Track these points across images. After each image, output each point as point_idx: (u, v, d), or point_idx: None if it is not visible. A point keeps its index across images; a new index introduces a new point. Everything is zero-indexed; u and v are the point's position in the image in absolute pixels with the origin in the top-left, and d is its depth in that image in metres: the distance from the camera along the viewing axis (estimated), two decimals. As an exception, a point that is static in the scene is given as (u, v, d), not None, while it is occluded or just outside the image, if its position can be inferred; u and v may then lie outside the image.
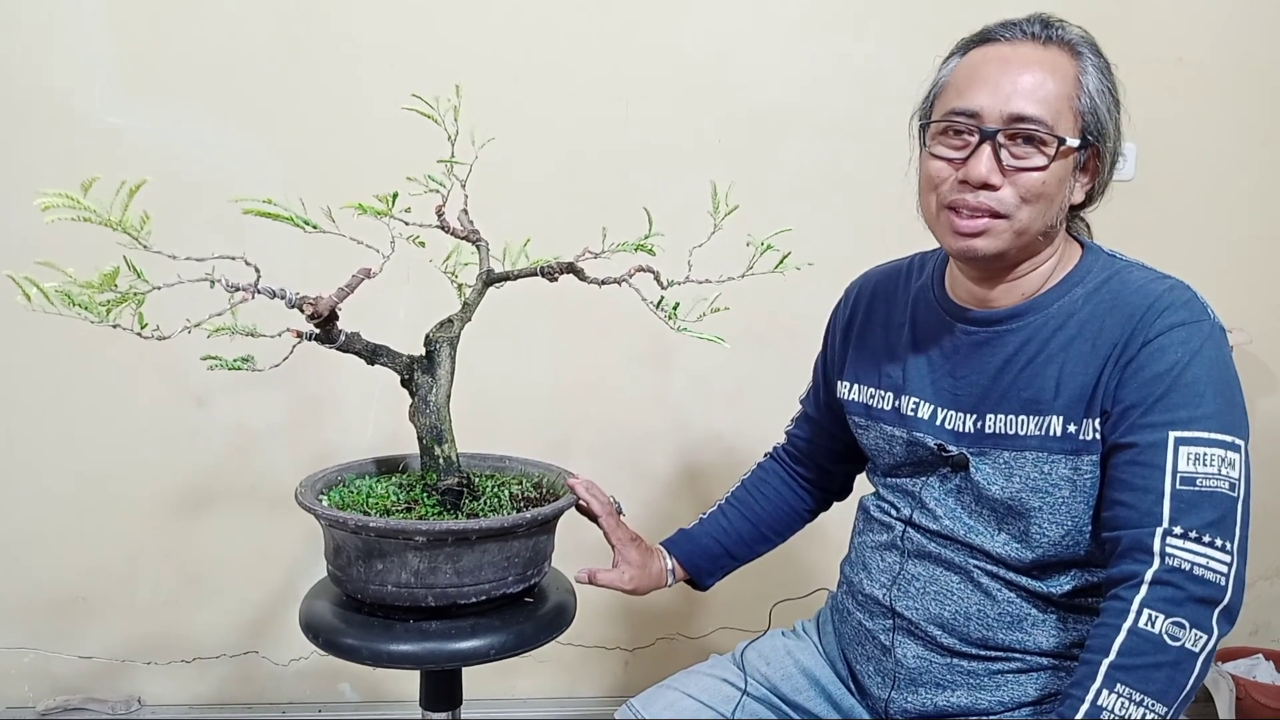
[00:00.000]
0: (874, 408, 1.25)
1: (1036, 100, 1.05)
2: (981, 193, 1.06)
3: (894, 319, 1.26)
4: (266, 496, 2.04)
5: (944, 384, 1.17)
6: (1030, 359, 1.10)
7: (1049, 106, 1.05)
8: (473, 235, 1.29)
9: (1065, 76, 1.06)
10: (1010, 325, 1.12)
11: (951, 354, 1.17)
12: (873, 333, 1.29)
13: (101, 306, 0.99)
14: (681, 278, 1.25)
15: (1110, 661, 0.96)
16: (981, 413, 1.13)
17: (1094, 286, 1.10)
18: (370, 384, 1.97)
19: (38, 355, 1.95)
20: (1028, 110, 1.04)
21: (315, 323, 1.12)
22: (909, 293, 1.26)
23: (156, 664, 2.10)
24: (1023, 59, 1.07)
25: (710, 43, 2.00)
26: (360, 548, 1.15)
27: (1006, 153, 1.05)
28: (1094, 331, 1.07)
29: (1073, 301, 1.10)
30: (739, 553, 1.43)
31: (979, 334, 1.14)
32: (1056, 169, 1.06)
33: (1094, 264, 1.12)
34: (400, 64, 1.92)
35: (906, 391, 1.21)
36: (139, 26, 1.89)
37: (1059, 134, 1.04)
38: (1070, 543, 1.09)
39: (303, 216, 1.08)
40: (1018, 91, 1.05)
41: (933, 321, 1.20)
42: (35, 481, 2.00)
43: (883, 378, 1.25)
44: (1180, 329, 1.03)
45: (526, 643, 1.20)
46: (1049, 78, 1.05)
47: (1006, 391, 1.11)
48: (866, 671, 1.23)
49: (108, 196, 0.94)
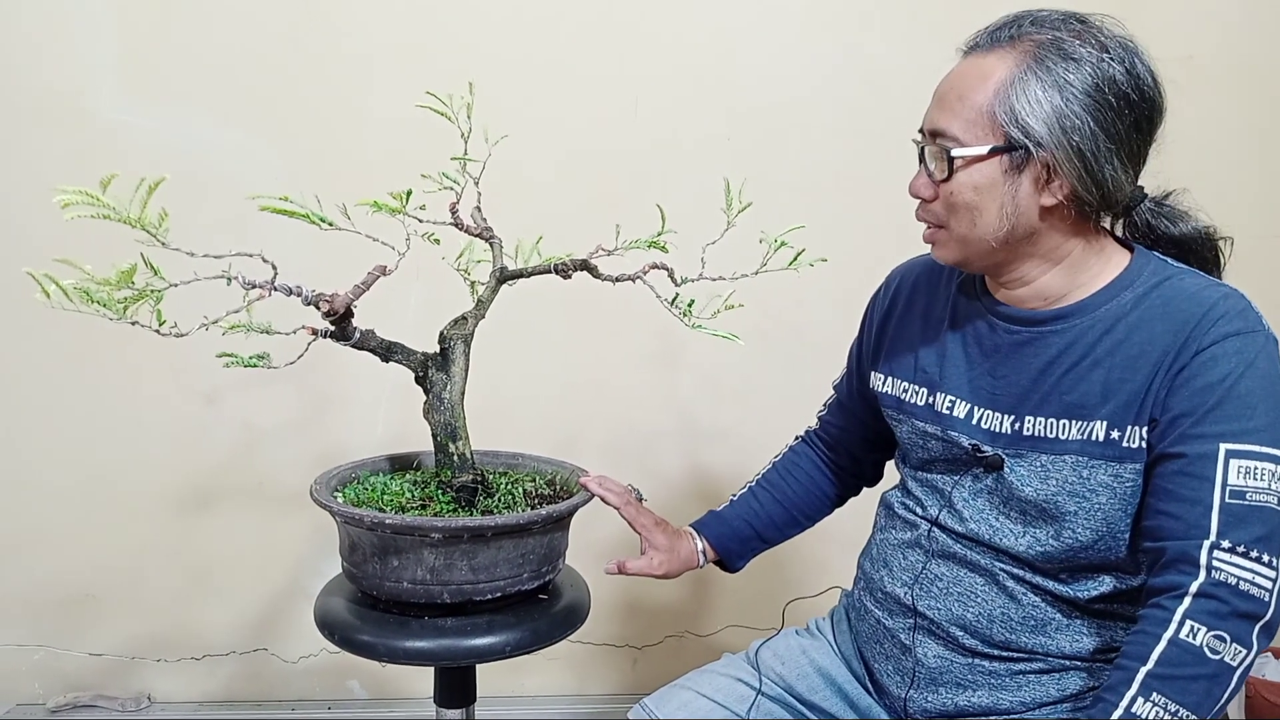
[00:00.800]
0: (906, 402, 1.24)
1: (945, 112, 1.06)
2: (921, 206, 1.12)
3: (934, 312, 1.25)
4: (275, 494, 2.04)
5: (982, 383, 1.16)
6: (1075, 362, 1.08)
7: (957, 117, 1.05)
8: (486, 233, 1.29)
9: (989, 82, 1.03)
10: (1055, 326, 1.11)
11: (992, 352, 1.16)
12: (910, 325, 1.27)
13: (119, 304, 0.99)
14: (694, 275, 1.25)
15: (1148, 670, 0.95)
16: (1020, 414, 1.11)
17: (1144, 291, 1.07)
18: (379, 382, 1.97)
19: (47, 353, 1.95)
20: (938, 123, 1.07)
21: (330, 320, 1.13)
22: (950, 287, 1.24)
23: (166, 661, 2.10)
24: (955, 74, 1.08)
25: (719, 40, 2.00)
26: (376, 544, 1.15)
27: (931, 166, 1.09)
28: (1144, 337, 1.05)
29: (1121, 305, 1.08)
30: (769, 535, 1.43)
31: (1022, 333, 1.13)
32: (969, 177, 1.05)
33: (1144, 268, 1.10)
34: (408, 63, 1.93)
35: (942, 388, 1.19)
36: (147, 26, 1.89)
37: (962, 143, 1.04)
38: (1103, 547, 1.08)
39: (318, 214, 1.08)
40: (934, 106, 1.09)
41: (974, 318, 1.19)
42: (44, 479, 2.01)
43: (918, 372, 1.23)
44: (1234, 339, 1.01)
45: (542, 639, 1.20)
46: (967, 88, 1.05)
47: (1048, 394, 1.09)
48: (885, 670, 1.23)
49: (123, 195, 0.94)
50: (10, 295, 1.91)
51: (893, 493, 1.31)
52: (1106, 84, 1.02)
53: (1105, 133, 1.02)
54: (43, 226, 1.33)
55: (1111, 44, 1.03)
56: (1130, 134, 1.04)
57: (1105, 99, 1.02)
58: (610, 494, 1.31)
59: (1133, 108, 1.03)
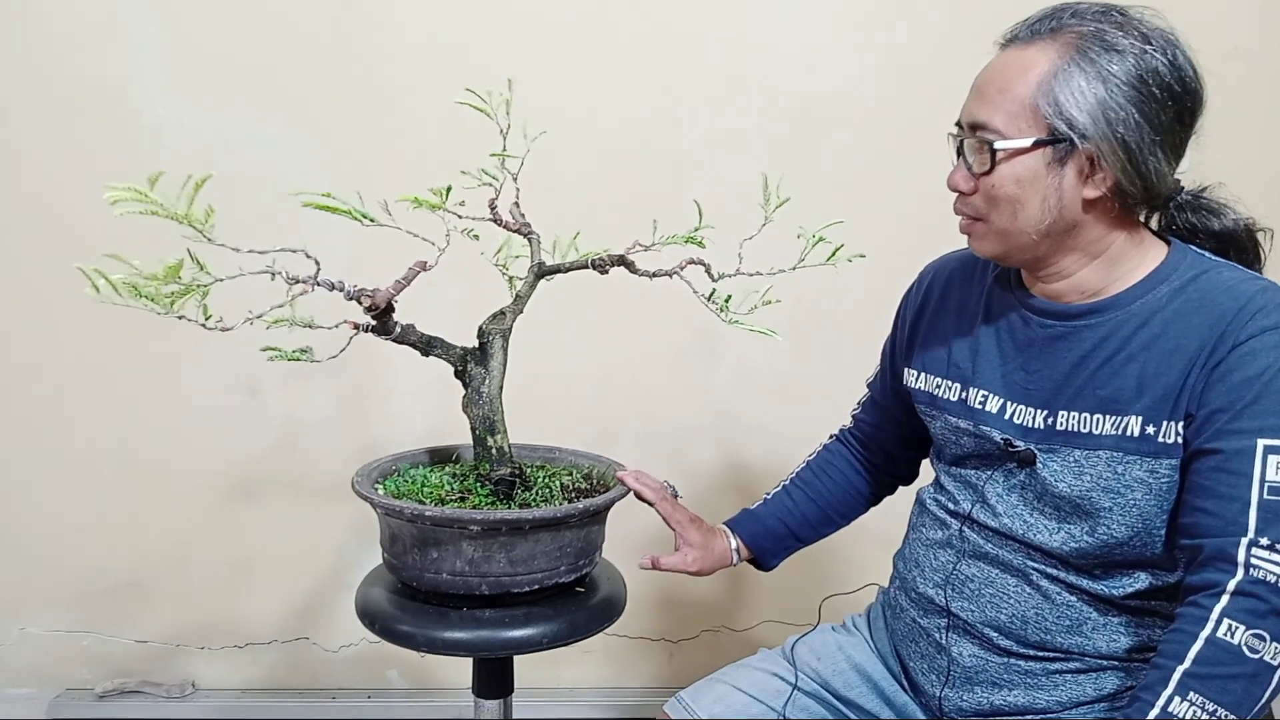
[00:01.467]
0: (939, 398, 1.23)
1: (986, 104, 1.05)
2: (960, 199, 1.12)
3: (967, 307, 1.24)
4: (316, 486, 2.07)
5: (1015, 377, 1.15)
6: (1109, 356, 1.07)
7: (998, 109, 1.04)
8: (524, 228, 1.30)
9: (1031, 73, 1.03)
10: (1089, 321, 1.09)
11: (1025, 347, 1.15)
12: (944, 320, 1.27)
13: (166, 298, 1.01)
14: (731, 270, 1.25)
15: (1185, 669, 0.94)
16: (1053, 409, 1.10)
17: (1180, 285, 1.06)
18: (418, 376, 1.98)
19: (95, 347, 2.00)
20: (978, 116, 1.06)
21: (372, 315, 1.14)
22: (984, 282, 1.23)
23: (210, 649, 2.14)
24: (994, 66, 1.07)
25: (755, 35, 1.99)
26: (416, 536, 1.16)
27: (971, 159, 1.08)
28: (1180, 331, 1.03)
29: (1157, 299, 1.06)
30: (804, 534, 1.42)
31: (1056, 327, 1.12)
32: (1012, 170, 1.04)
33: (1181, 262, 1.08)
34: (447, 60, 1.94)
35: (975, 383, 1.19)
36: (191, 24, 1.92)
37: (1005, 135, 1.03)
38: (1138, 544, 1.06)
39: (360, 210, 1.10)
40: (973, 99, 1.08)
41: (1008, 313, 1.18)
42: (92, 470, 2.05)
43: (950, 368, 1.23)
44: (1273, 332, 0.99)
45: (579, 632, 1.21)
46: (1008, 80, 1.04)
47: (1082, 389, 1.08)
48: (920, 669, 1.22)
49: (168, 191, 0.96)
50: (58, 290, 1.95)
51: (926, 489, 1.30)
52: (1150, 75, 1.01)
53: (1149, 124, 1.01)
54: (90, 222, 1.35)
55: (1153, 35, 1.02)
56: (1173, 125, 1.03)
57: (1149, 90, 1.01)
58: (647, 489, 1.32)
59: (1176, 99, 1.02)
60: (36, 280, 1.97)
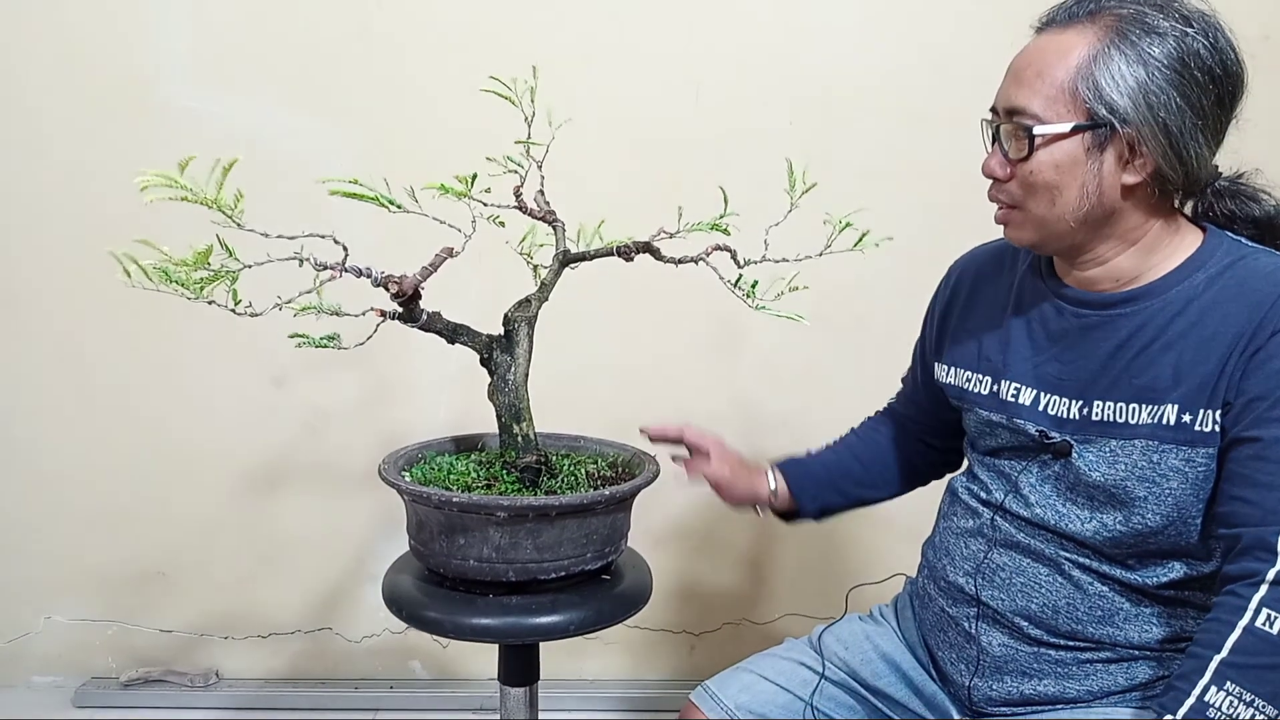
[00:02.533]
0: (970, 391, 1.22)
1: (1023, 89, 1.03)
2: (996, 186, 1.10)
3: (997, 300, 1.23)
4: (340, 475, 2.08)
5: (1048, 368, 1.13)
6: (1145, 345, 1.05)
7: (1036, 94, 1.02)
8: (549, 216, 1.29)
9: (1070, 57, 1.01)
10: (1124, 309, 1.08)
11: (1059, 337, 1.13)
12: (973, 315, 1.25)
13: (196, 284, 1.02)
14: (757, 257, 1.24)
15: (1222, 659, 0.93)
16: (1089, 399, 1.09)
17: (1217, 271, 1.04)
18: (443, 364, 1.99)
19: (121, 338, 2.01)
20: (1015, 101, 1.04)
21: (399, 302, 1.14)
22: (1014, 274, 1.22)
23: (233, 638, 2.15)
24: (1031, 50, 1.06)
25: (782, 23, 1.98)
26: (443, 523, 1.16)
27: (1008, 145, 1.06)
28: (1217, 318, 1.02)
29: (1193, 287, 1.05)
30: (846, 488, 1.41)
31: (1090, 317, 1.10)
32: (1050, 156, 1.03)
33: (1217, 248, 1.07)
34: (473, 46, 1.94)
35: (1006, 376, 1.17)
36: (220, 14, 1.92)
37: (1043, 120, 1.02)
38: (1173, 533, 1.05)
39: (387, 196, 1.10)
40: (1010, 84, 1.06)
41: (1039, 303, 1.16)
42: (117, 459, 2.06)
43: (981, 361, 1.21)
44: None
45: (605, 619, 1.21)
46: (1046, 64, 1.02)
47: (1118, 378, 1.07)
48: (949, 659, 1.21)
49: (197, 179, 0.96)
50: (86, 281, 1.96)
51: (959, 478, 1.29)
52: (1191, 58, 0.99)
53: (1191, 108, 1.00)
54: (118, 212, 1.36)
55: (1194, 17, 1.01)
56: (1214, 109, 1.01)
57: (1190, 74, 0.99)
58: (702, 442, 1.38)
59: (1217, 83, 1.00)
60: (65, 271, 1.98)
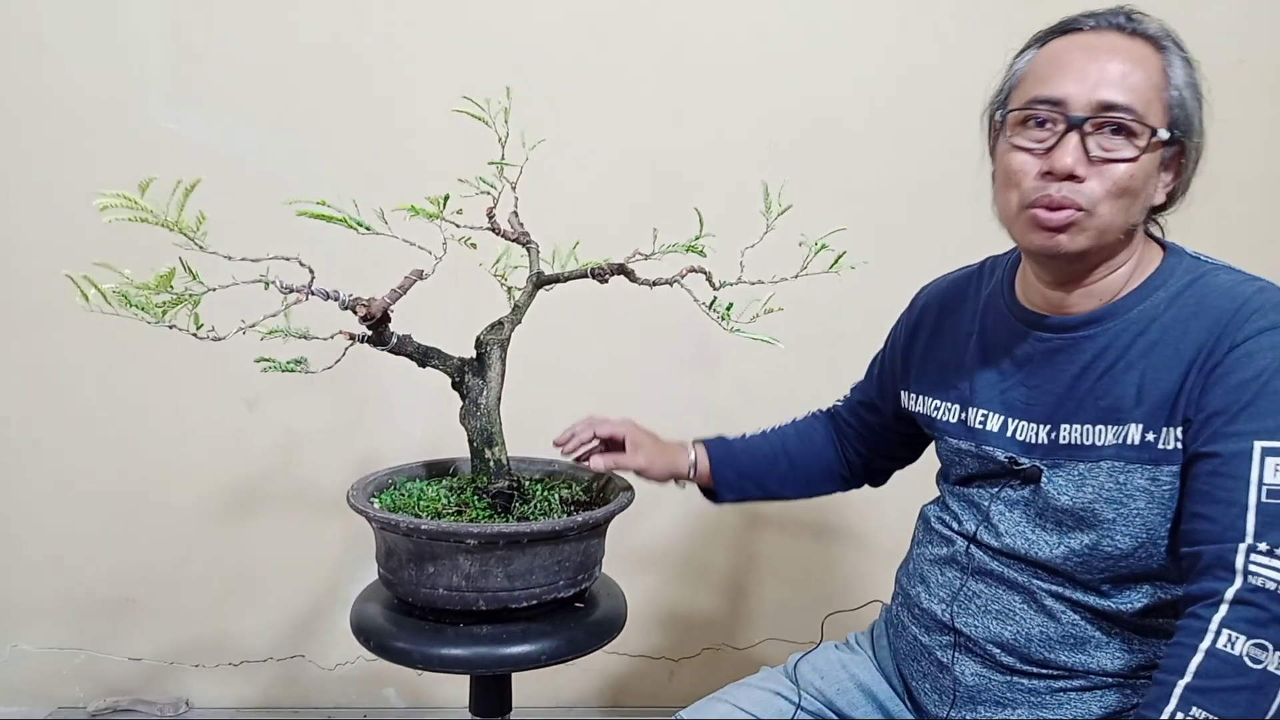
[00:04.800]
0: (939, 420, 1.22)
1: (1126, 88, 1.00)
2: (1066, 185, 1.01)
3: (961, 329, 1.22)
4: (314, 500, 2.05)
5: (1015, 394, 1.13)
6: (1109, 366, 1.05)
7: (1139, 95, 1.00)
8: (523, 237, 1.28)
9: (1152, 67, 1.02)
10: (1088, 331, 1.07)
11: (1024, 362, 1.13)
12: (939, 344, 1.25)
13: (158, 308, 1.00)
14: (733, 279, 1.23)
15: (1186, 683, 0.91)
16: (1055, 423, 1.08)
17: (1177, 290, 1.04)
18: (418, 389, 1.97)
19: (90, 358, 1.98)
20: (1118, 99, 0.99)
21: (368, 325, 1.12)
22: (978, 300, 1.21)
23: (204, 666, 2.11)
24: (1109, 47, 1.02)
25: (761, 47, 1.98)
26: (412, 550, 1.14)
27: (1094, 143, 1.00)
28: (1177, 336, 1.01)
29: (1155, 305, 1.05)
30: (767, 483, 1.42)
31: (1054, 341, 1.10)
32: (1145, 162, 1.01)
33: (1177, 266, 1.07)
34: (450, 69, 1.93)
35: (974, 404, 1.17)
36: (194, 35, 1.91)
37: (1150, 124, 1.00)
38: (1143, 555, 1.04)
39: (355, 218, 1.08)
40: (1106, 79, 1.00)
41: (1003, 329, 1.16)
42: (86, 484, 2.03)
43: (948, 390, 1.21)
44: (1271, 333, 0.97)
45: (578, 648, 1.19)
46: (1137, 67, 1.01)
47: (1083, 400, 1.06)
48: (922, 689, 1.20)
49: (164, 200, 0.95)
50: (57, 303, 1.92)
51: (931, 507, 1.28)
52: (1201, 83, 1.04)
53: (1203, 129, 1.04)
54: (91, 235, 1.34)
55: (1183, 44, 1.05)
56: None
57: (1203, 96, 1.04)
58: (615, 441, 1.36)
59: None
60: (35, 294, 1.95)
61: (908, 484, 1.47)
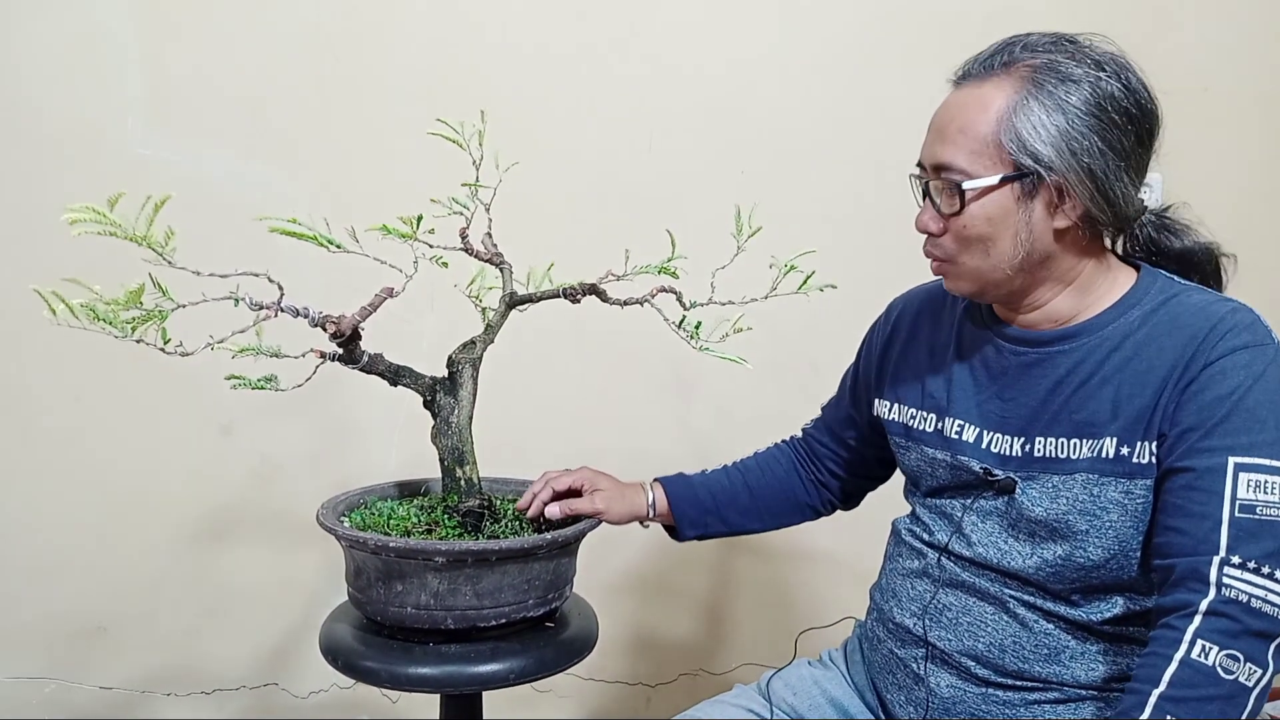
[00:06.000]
0: (914, 429, 1.23)
1: (948, 145, 1.05)
2: (929, 240, 1.11)
3: (939, 339, 1.24)
4: (289, 525, 2.03)
5: (990, 406, 1.15)
6: (1084, 380, 1.07)
7: (961, 149, 1.04)
8: (496, 258, 1.29)
9: (990, 110, 1.03)
10: (1063, 346, 1.10)
11: (999, 375, 1.14)
12: (915, 352, 1.26)
13: (126, 323, 1.00)
14: (703, 299, 1.25)
15: (1160, 692, 0.93)
16: (1030, 435, 1.10)
17: (1151, 308, 1.07)
18: (395, 411, 1.96)
19: (62, 382, 1.96)
20: (941, 157, 1.06)
21: (338, 342, 1.13)
22: (954, 313, 1.23)
23: (176, 695, 2.08)
24: (951, 105, 1.08)
25: (735, 74, 2.01)
26: (380, 569, 1.14)
27: (940, 201, 1.07)
28: (1152, 353, 1.04)
29: (1129, 323, 1.07)
30: (730, 517, 1.41)
31: (1029, 355, 1.12)
32: (982, 209, 1.04)
33: (1151, 286, 1.09)
34: (427, 99, 1.94)
35: (950, 413, 1.18)
36: (172, 61, 1.91)
37: (970, 174, 1.04)
38: (1115, 566, 1.05)
39: (326, 236, 1.09)
40: (934, 140, 1.08)
41: (980, 342, 1.18)
42: (58, 511, 2.00)
43: (925, 398, 1.22)
44: (1243, 352, 1.00)
45: (547, 667, 1.18)
46: (968, 119, 1.04)
47: (1058, 414, 1.08)
48: (897, 701, 1.20)
49: (134, 217, 0.95)
50: (31, 324, 1.91)
51: (902, 520, 1.29)
52: (1107, 101, 1.02)
53: (1112, 150, 1.02)
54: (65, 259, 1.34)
55: (1105, 61, 1.04)
56: (1135, 148, 1.04)
57: (1109, 116, 1.02)
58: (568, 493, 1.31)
59: (1134, 122, 1.04)
60: (9, 317, 1.94)
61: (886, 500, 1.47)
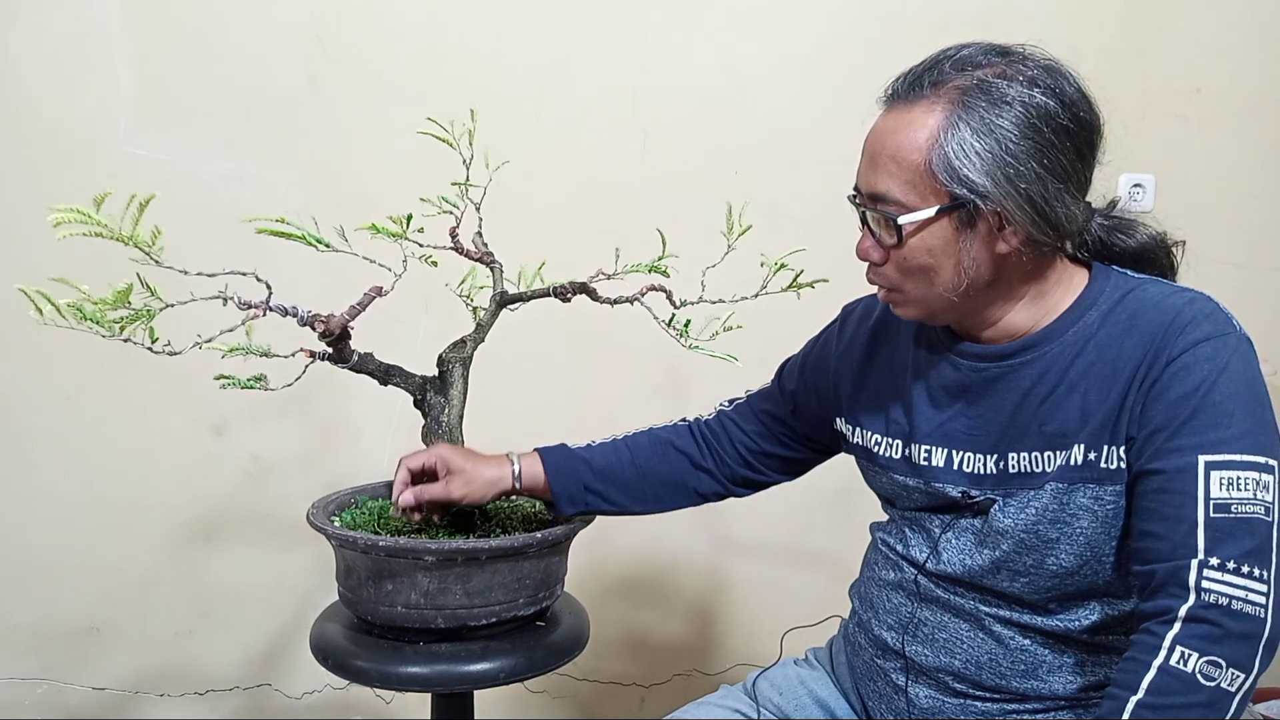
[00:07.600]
0: (880, 455, 1.19)
1: (881, 174, 1.02)
2: (871, 269, 1.08)
3: (896, 359, 1.20)
4: (281, 526, 2.03)
5: (955, 424, 1.11)
6: (1050, 390, 1.04)
7: (894, 179, 1.00)
8: (487, 257, 1.29)
9: (919, 136, 0.99)
10: (1025, 357, 1.06)
11: (960, 393, 1.11)
12: (875, 373, 1.22)
13: (114, 323, 1.00)
14: (694, 298, 1.25)
15: (1139, 699, 0.91)
16: (1003, 451, 1.07)
17: (1109, 307, 1.04)
18: (387, 411, 1.96)
19: (54, 384, 1.96)
20: (876, 187, 1.02)
21: (327, 342, 1.13)
22: (911, 329, 1.19)
23: (169, 696, 2.08)
24: (881, 130, 1.03)
25: (728, 74, 2.01)
26: (370, 568, 1.14)
27: (878, 230, 1.04)
28: (1114, 354, 1.01)
29: (1088, 326, 1.04)
30: (613, 496, 1.30)
31: (991, 369, 1.09)
32: (921, 241, 1.01)
33: (1105, 284, 1.07)
34: (419, 98, 1.94)
35: (915, 439, 1.14)
36: (163, 62, 1.91)
37: (906, 206, 1.00)
38: (1089, 572, 1.04)
39: (315, 235, 1.09)
40: (867, 168, 1.04)
41: (938, 360, 1.14)
42: (50, 511, 2.00)
43: (889, 424, 1.18)
44: (1205, 344, 0.97)
45: (537, 667, 1.18)
46: (899, 147, 1.00)
47: (1027, 427, 1.06)
48: (879, 709, 1.19)
49: (122, 218, 0.95)
50: (19, 327, 1.91)
51: (879, 526, 1.27)
52: (1042, 120, 0.97)
53: (1050, 172, 0.97)
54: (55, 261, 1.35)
55: (1038, 74, 0.99)
56: (1075, 165, 1.00)
57: (1044, 136, 0.97)
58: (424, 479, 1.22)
59: (1072, 137, 0.99)
60: (-2, 318, 1.94)
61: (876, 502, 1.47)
